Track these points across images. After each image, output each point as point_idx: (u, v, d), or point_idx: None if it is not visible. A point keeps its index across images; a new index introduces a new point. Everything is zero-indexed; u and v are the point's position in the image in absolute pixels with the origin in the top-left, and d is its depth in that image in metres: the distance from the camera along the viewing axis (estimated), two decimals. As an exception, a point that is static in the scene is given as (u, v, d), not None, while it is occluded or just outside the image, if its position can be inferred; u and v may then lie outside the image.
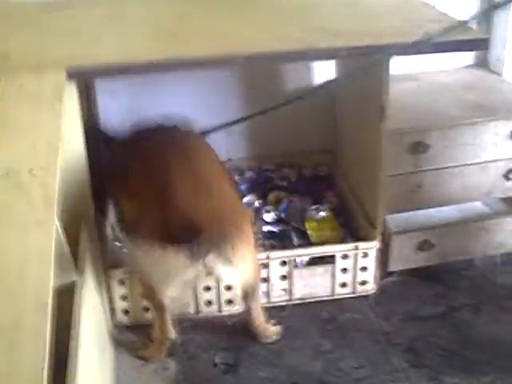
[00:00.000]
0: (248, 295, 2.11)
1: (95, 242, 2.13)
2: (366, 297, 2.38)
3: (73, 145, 1.97)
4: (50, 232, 1.30)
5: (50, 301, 1.15)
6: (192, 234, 1.78)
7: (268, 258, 2.26)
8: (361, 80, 2.26)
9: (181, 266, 1.85)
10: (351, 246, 2.31)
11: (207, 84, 2.66)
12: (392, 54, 2.00)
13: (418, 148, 2.30)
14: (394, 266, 2.42)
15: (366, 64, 2.09)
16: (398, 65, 2.14)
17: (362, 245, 2.30)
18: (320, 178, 2.82)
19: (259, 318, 2.17)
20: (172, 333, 2.11)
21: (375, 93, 2.15)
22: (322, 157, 2.87)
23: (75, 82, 1.90)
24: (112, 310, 2.27)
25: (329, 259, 2.33)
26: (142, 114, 2.39)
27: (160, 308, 2.04)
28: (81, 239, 1.94)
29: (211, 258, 1.85)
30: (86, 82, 2.43)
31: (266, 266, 2.27)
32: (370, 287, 2.38)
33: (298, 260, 2.32)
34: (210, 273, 1.91)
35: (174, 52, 1.89)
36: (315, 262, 2.34)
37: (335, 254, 2.30)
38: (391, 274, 2.45)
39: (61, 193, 1.95)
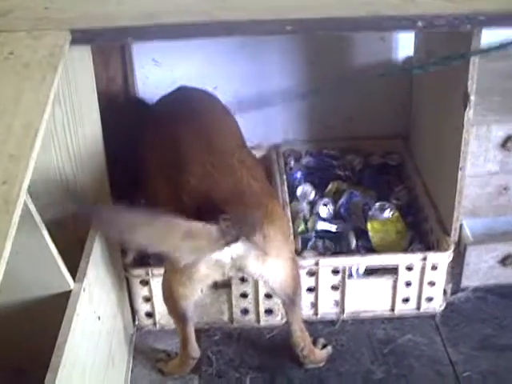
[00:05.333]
0: (286, 307, 1.77)
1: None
2: (431, 316, 2.01)
3: (87, 121, 1.70)
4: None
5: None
6: (212, 217, 1.44)
7: (317, 264, 1.91)
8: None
9: (203, 263, 1.54)
10: (418, 256, 1.93)
11: (263, 53, 2.30)
12: (484, 26, 1.60)
13: (509, 143, 1.90)
14: (468, 281, 2.04)
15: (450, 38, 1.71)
16: (488, 39, 1.73)
17: (431, 256, 1.92)
18: (389, 169, 2.43)
19: (303, 338, 1.82)
20: (196, 351, 1.80)
21: (459, 74, 1.76)
22: (393, 143, 2.47)
23: (91, 46, 1.61)
24: (133, 313, 1.98)
25: (390, 269, 1.96)
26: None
27: (182, 319, 1.72)
28: (89, 236, 1.65)
29: (239, 248, 1.51)
30: (122, 45, 2.15)
31: (313, 273, 1.92)
32: (438, 304, 2.01)
33: (354, 268, 1.96)
34: (238, 270, 1.60)
35: (209, 13, 1.54)
36: (374, 270, 1.98)
37: (398, 264, 1.92)
38: (464, 289, 2.06)
39: (70, 177, 1.72)
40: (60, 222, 1.73)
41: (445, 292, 2.02)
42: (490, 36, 1.71)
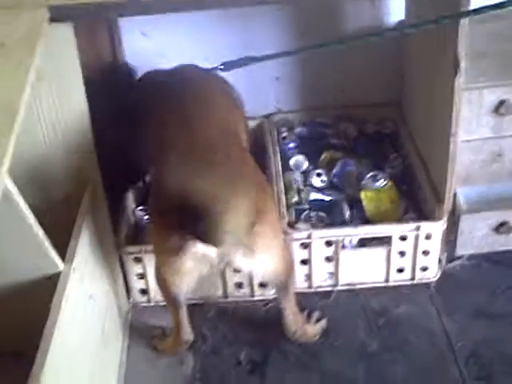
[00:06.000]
0: (278, 293, 1.75)
1: (104, 214, 1.82)
2: (426, 285, 2.00)
3: (72, 99, 1.66)
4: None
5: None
6: (196, 217, 1.39)
7: (309, 237, 1.89)
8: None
9: (188, 257, 1.50)
10: (412, 225, 1.91)
11: (251, 25, 2.27)
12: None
13: (501, 109, 1.86)
14: (463, 250, 2.03)
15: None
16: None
17: (424, 225, 1.91)
18: (384, 136, 2.39)
19: (296, 321, 1.80)
20: (189, 335, 1.79)
21: (449, 39, 1.71)
22: (388, 110, 2.43)
23: (72, 23, 1.56)
24: (128, 291, 1.98)
25: (384, 239, 1.94)
26: (178, 57, 2.07)
27: (174, 303, 1.71)
28: (79, 215, 1.64)
29: (226, 248, 1.47)
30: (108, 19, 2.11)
31: (306, 246, 1.91)
32: (433, 274, 2.00)
33: (347, 240, 1.94)
34: (227, 265, 1.56)
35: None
36: (367, 241, 1.96)
37: (392, 234, 1.91)
38: (459, 257, 2.05)
39: (58, 155, 1.70)
40: (49, 202, 1.73)
41: (440, 261, 2.00)
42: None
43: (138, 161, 1.92)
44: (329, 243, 1.92)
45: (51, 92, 1.62)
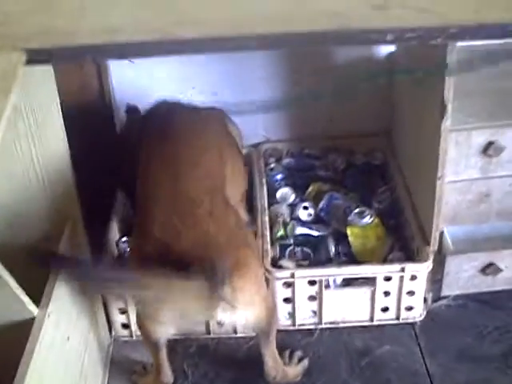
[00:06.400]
0: (259, 339, 1.72)
1: (85, 250, 1.81)
2: (411, 325, 1.98)
3: (52, 138, 1.65)
4: None
5: None
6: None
7: (292, 276, 1.87)
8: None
9: (168, 310, 1.50)
10: (396, 267, 1.89)
11: (240, 55, 2.23)
12: (455, 39, 1.54)
13: (490, 150, 1.84)
14: (449, 290, 2.01)
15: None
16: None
17: (409, 266, 1.89)
18: (373, 168, 2.37)
19: (276, 368, 1.76)
20: (169, 377, 1.77)
21: (437, 81, 1.69)
22: (378, 140, 2.41)
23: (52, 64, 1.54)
24: (109, 324, 1.97)
25: (369, 278, 1.92)
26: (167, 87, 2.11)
27: (154, 347, 1.70)
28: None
29: (208, 303, 1.44)
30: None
31: (290, 285, 1.89)
32: (418, 313, 1.98)
33: (331, 279, 1.92)
34: (208, 318, 1.56)
35: (170, 30, 1.46)
36: (352, 279, 1.94)
37: (376, 275, 1.89)
38: (445, 297, 2.03)
39: (36, 197, 1.68)
40: (28, 239, 1.69)
41: (425, 300, 1.98)
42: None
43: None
44: (312, 282, 1.90)
45: (30, 131, 1.59)
